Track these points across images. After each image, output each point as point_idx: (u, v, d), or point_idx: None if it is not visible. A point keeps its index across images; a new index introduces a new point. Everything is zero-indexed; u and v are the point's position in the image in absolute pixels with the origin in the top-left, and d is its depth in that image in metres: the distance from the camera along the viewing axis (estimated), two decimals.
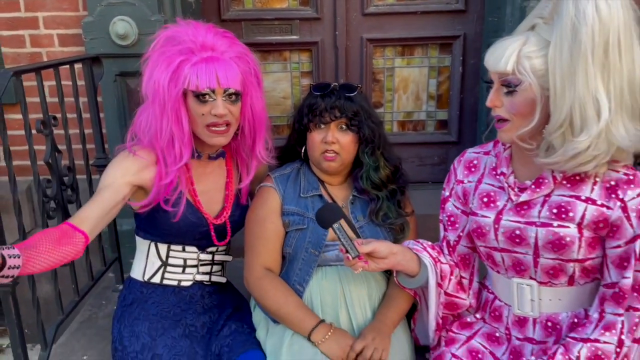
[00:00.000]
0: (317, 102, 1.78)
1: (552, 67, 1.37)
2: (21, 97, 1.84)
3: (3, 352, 2.85)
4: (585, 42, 1.32)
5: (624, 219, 1.43)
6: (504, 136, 1.51)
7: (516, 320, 1.64)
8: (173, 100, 1.63)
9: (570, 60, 1.34)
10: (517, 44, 1.42)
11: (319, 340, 1.68)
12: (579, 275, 1.52)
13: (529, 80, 1.40)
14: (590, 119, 1.35)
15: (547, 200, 1.51)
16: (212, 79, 1.62)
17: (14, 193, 1.78)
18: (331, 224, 1.58)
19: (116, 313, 1.89)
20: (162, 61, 1.64)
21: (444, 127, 2.93)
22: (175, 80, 1.63)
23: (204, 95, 1.64)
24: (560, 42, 1.35)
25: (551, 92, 1.38)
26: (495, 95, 1.48)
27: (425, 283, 1.66)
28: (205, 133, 1.69)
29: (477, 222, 1.61)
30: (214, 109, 1.65)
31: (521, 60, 1.41)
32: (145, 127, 1.70)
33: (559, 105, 1.37)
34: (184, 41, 1.64)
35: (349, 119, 1.78)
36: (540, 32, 1.42)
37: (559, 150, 1.41)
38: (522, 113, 1.45)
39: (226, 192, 1.88)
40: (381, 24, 2.75)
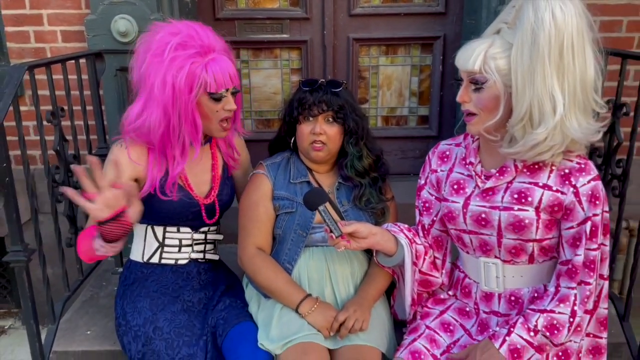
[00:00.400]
0: (306, 96, 1.93)
1: (514, 67, 1.51)
2: (34, 89, 1.97)
3: (6, 333, 2.95)
4: (542, 45, 1.46)
5: (576, 203, 1.59)
6: (472, 129, 1.66)
7: (483, 296, 1.79)
8: (190, 104, 1.75)
9: (529, 61, 1.48)
10: (484, 45, 1.56)
11: (306, 312, 1.83)
12: (537, 254, 1.68)
13: (494, 78, 1.54)
14: (547, 113, 1.50)
15: (510, 186, 1.66)
16: (227, 80, 1.77)
17: (27, 176, 1.92)
18: (317, 207, 1.73)
19: (118, 292, 2.02)
20: (174, 66, 1.71)
21: (425, 122, 3.02)
22: (190, 85, 1.73)
23: (220, 95, 1.78)
24: (521, 45, 1.50)
25: (513, 89, 1.53)
26: (464, 91, 1.62)
27: (402, 262, 1.80)
28: (218, 128, 1.85)
29: (448, 207, 1.77)
30: (227, 105, 1.80)
31: (487, 60, 1.55)
32: (156, 127, 1.77)
33: (520, 101, 1.52)
34: (191, 45, 1.73)
35: (335, 112, 1.93)
36: (504, 35, 1.56)
37: (520, 141, 1.55)
38: (487, 108, 1.59)
39: (212, 173, 2.02)
40: (367, 24, 2.84)
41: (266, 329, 1.85)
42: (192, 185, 1.95)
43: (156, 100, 1.74)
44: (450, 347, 1.77)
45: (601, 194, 1.60)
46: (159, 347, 1.82)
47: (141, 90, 1.79)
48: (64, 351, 2.09)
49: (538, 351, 1.61)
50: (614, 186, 2.05)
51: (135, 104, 1.80)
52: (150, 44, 1.76)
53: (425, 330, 1.81)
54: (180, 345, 1.82)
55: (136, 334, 1.87)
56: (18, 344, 2.86)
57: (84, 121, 2.34)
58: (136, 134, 1.81)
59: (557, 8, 1.46)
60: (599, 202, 1.59)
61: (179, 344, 1.82)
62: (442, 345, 1.77)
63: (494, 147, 1.68)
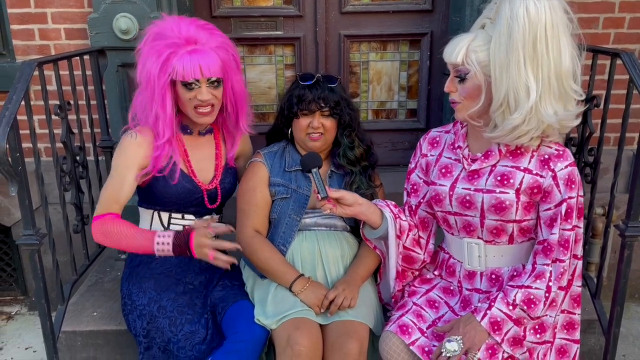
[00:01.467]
0: (305, 93, 2.05)
1: (492, 58, 1.64)
2: (43, 84, 2.08)
3: (13, 319, 3.05)
4: (517, 38, 1.59)
5: (554, 186, 1.71)
6: (458, 115, 1.79)
7: (466, 274, 1.91)
8: (161, 88, 1.89)
9: (505, 53, 1.61)
10: (467, 40, 1.69)
11: (299, 290, 1.96)
12: (517, 234, 1.80)
13: (474, 69, 1.67)
14: (521, 100, 1.63)
15: (494, 170, 1.78)
16: (196, 70, 1.88)
17: (37, 166, 2.03)
18: (311, 168, 1.86)
19: (124, 273, 2.13)
20: (152, 54, 1.88)
21: (413, 116, 3.12)
22: (164, 71, 1.87)
23: (190, 84, 1.90)
24: (499, 38, 1.62)
25: (492, 79, 1.65)
26: (450, 82, 1.76)
27: (386, 234, 1.92)
28: (194, 114, 1.96)
29: (436, 190, 1.88)
30: (199, 95, 1.91)
31: (469, 53, 1.67)
32: (140, 108, 1.96)
33: (498, 89, 1.65)
34: (170, 36, 1.88)
35: (331, 108, 2.06)
36: (487, 29, 1.69)
37: (500, 126, 1.69)
38: (470, 96, 1.72)
39: (216, 161, 2.14)
40: (357, 21, 2.92)
41: (262, 305, 1.97)
42: (195, 171, 2.07)
43: (142, 85, 1.92)
44: (435, 322, 1.89)
45: (577, 178, 1.72)
46: (163, 324, 1.94)
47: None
48: (72, 331, 2.21)
49: (516, 324, 1.72)
50: (587, 173, 2.17)
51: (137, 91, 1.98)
52: (145, 37, 1.93)
53: (412, 306, 1.92)
54: (183, 322, 1.94)
55: (141, 312, 1.98)
56: (25, 329, 2.96)
57: (89, 115, 2.45)
58: (139, 117, 1.97)
59: (531, 3, 1.58)
60: (574, 186, 1.71)
61: (181, 321, 1.94)
62: (428, 320, 1.89)
63: (479, 133, 1.80)
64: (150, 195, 2.06)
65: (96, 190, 2.51)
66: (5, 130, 1.77)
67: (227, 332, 1.94)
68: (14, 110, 1.82)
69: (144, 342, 1.99)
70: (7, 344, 2.85)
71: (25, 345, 2.83)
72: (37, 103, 2.54)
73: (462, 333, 1.72)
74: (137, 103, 1.97)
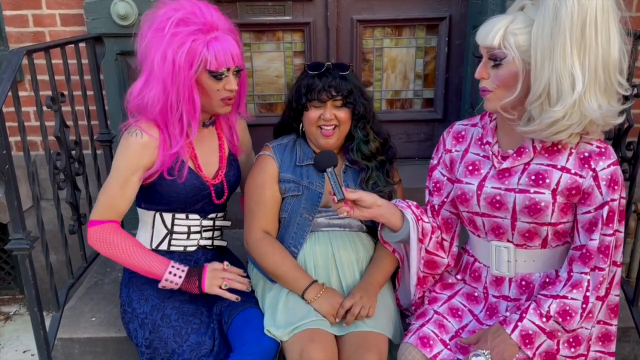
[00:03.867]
0: (315, 82, 1.90)
1: (533, 42, 1.49)
2: (33, 74, 1.94)
3: (11, 319, 2.96)
4: (564, 21, 1.43)
5: (595, 187, 1.57)
6: (489, 105, 1.63)
7: (493, 280, 1.78)
8: (188, 81, 1.74)
9: (550, 36, 1.45)
10: (505, 21, 1.54)
11: (312, 298, 1.82)
12: (551, 238, 1.66)
13: (513, 54, 1.51)
14: (565, 91, 1.47)
15: (527, 168, 1.64)
16: (228, 58, 1.75)
17: (28, 163, 1.89)
18: (326, 168, 1.73)
19: (123, 279, 2.01)
20: (175, 42, 1.71)
21: (430, 105, 3.00)
22: (189, 62, 1.72)
23: (221, 74, 1.77)
24: (543, 20, 1.47)
25: (532, 65, 1.50)
26: (483, 67, 1.60)
27: (407, 237, 1.79)
28: (219, 105, 1.83)
29: (462, 188, 1.75)
30: (228, 85, 1.78)
31: (507, 36, 1.52)
32: (154, 103, 1.77)
33: (538, 77, 1.49)
34: (193, 22, 1.73)
35: (344, 97, 1.91)
36: (527, 12, 1.54)
37: (537, 119, 1.53)
38: (505, 84, 1.56)
39: (220, 153, 2.01)
40: (371, 5, 2.80)
41: (272, 314, 1.85)
42: (201, 166, 1.94)
43: (156, 76, 1.74)
44: (458, 332, 1.77)
45: (620, 179, 1.59)
46: (167, 334, 1.82)
47: (143, 67, 1.79)
48: (68, 338, 2.09)
49: (549, 337, 1.60)
50: (624, 169, 2.02)
51: (138, 81, 1.81)
52: (152, 20, 1.76)
53: (433, 315, 1.80)
54: (189, 332, 1.82)
55: (143, 321, 1.86)
56: (23, 329, 2.87)
57: (85, 106, 2.32)
58: (138, 109, 1.82)
59: None
60: (617, 187, 1.58)
61: (187, 331, 1.82)
62: (450, 330, 1.77)
63: (511, 127, 1.65)
64: (154, 195, 1.92)
65: (94, 187, 2.40)
66: None
67: (234, 343, 1.82)
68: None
69: (147, 353, 1.87)
70: (4, 346, 2.77)
71: (23, 348, 2.75)
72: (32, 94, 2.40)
73: (490, 347, 1.60)
74: (148, 97, 1.78)
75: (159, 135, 1.84)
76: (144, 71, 1.80)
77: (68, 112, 2.16)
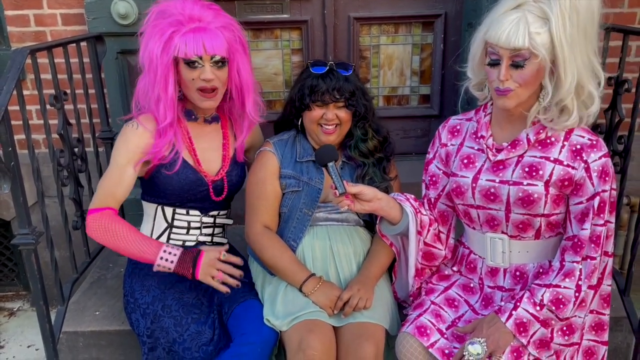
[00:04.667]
0: (318, 83, 1.92)
1: (558, 40, 1.51)
2: (37, 73, 1.97)
3: (15, 315, 2.98)
4: (583, 16, 1.50)
5: (586, 178, 1.61)
6: (509, 103, 1.62)
7: (489, 271, 1.82)
8: (163, 67, 1.81)
9: (573, 32, 1.51)
10: (523, 21, 1.53)
11: (309, 291, 1.86)
12: (544, 229, 1.70)
13: (541, 53, 1.53)
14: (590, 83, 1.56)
15: (521, 160, 1.68)
16: (199, 47, 1.79)
17: (32, 161, 1.92)
18: (327, 162, 1.76)
19: (127, 270, 2.05)
20: (154, 33, 1.81)
21: (426, 101, 3.01)
22: (166, 50, 1.80)
23: (193, 62, 1.81)
24: (561, 17, 1.50)
25: (560, 61, 1.53)
26: (506, 70, 1.57)
27: (406, 230, 1.82)
28: (197, 97, 1.87)
29: (457, 182, 1.78)
30: (202, 74, 1.82)
31: (532, 36, 1.52)
32: (142, 93, 1.88)
33: (568, 72, 1.54)
34: (173, 14, 1.80)
35: (346, 99, 1.93)
36: (532, 10, 1.54)
37: (573, 111, 1.59)
38: (527, 83, 1.58)
39: (223, 152, 2.04)
40: (367, 3, 2.81)
41: (272, 305, 1.88)
42: (200, 161, 1.98)
43: (144, 68, 1.84)
44: (455, 322, 1.80)
45: (611, 170, 1.62)
46: (168, 324, 1.85)
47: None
48: (73, 331, 2.13)
49: (543, 325, 1.63)
50: (616, 162, 2.06)
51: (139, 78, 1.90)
52: (147, 18, 1.85)
53: (430, 305, 1.84)
54: (189, 322, 1.86)
55: (144, 311, 1.90)
56: (27, 325, 2.89)
57: (87, 104, 2.35)
58: (142, 104, 1.90)
59: None
60: (608, 179, 1.61)
61: (187, 321, 1.86)
62: (447, 320, 1.80)
63: (506, 121, 1.70)
64: (153, 188, 1.97)
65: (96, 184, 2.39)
66: None
67: (233, 333, 1.85)
68: (4, 101, 1.72)
69: (148, 343, 1.90)
70: (8, 341, 2.78)
71: (27, 342, 2.76)
72: (34, 92, 2.44)
73: (485, 335, 1.64)
74: (139, 88, 1.89)
75: (154, 128, 1.88)
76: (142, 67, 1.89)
77: (69, 110, 2.18)
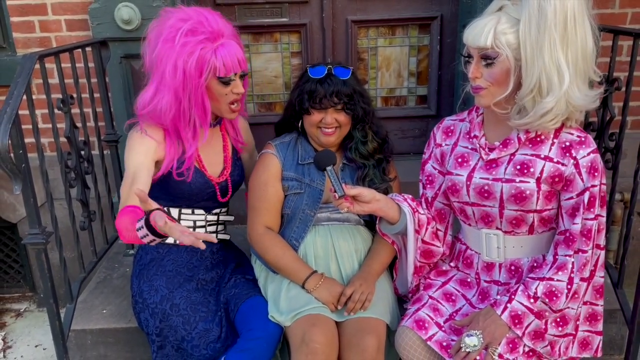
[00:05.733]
0: (317, 88, 1.94)
1: (522, 40, 1.57)
2: (44, 78, 2.02)
3: (22, 316, 3.02)
4: (549, 18, 1.53)
5: (576, 174, 1.66)
6: (482, 101, 1.70)
7: (484, 266, 1.87)
8: (199, 88, 1.82)
9: (537, 34, 1.55)
10: (492, 22, 1.61)
11: (312, 288, 1.91)
12: (537, 224, 1.75)
13: (505, 53, 1.59)
14: (554, 83, 1.57)
15: (512, 159, 1.73)
16: (235, 64, 1.83)
17: (41, 163, 1.97)
18: (326, 166, 1.80)
19: (134, 271, 2.09)
20: (185, 52, 1.77)
21: (423, 102, 3.06)
22: (200, 70, 1.80)
23: (229, 79, 1.85)
24: (529, 19, 1.55)
25: (522, 62, 1.59)
26: (475, 68, 1.66)
27: (404, 230, 1.87)
28: (227, 110, 1.91)
29: (452, 180, 1.83)
30: (235, 88, 1.86)
31: (498, 36, 1.59)
32: (167, 111, 1.83)
33: (530, 73, 1.58)
34: (201, 32, 1.79)
35: (345, 103, 1.96)
36: (509, 12, 1.61)
37: (531, 111, 1.62)
38: (498, 81, 1.64)
39: (224, 154, 2.09)
40: (365, 6, 2.85)
41: (275, 302, 1.93)
42: (205, 166, 2.02)
43: (167, 85, 1.81)
44: (452, 315, 1.85)
45: (600, 166, 1.67)
46: (176, 322, 1.90)
47: (153, 76, 1.85)
48: (81, 329, 2.18)
49: (537, 317, 1.68)
50: (607, 159, 2.11)
51: (148, 89, 1.87)
52: (161, 30, 1.82)
53: (428, 300, 1.88)
54: (197, 320, 1.90)
55: (153, 311, 1.94)
56: (34, 325, 2.94)
57: (92, 108, 2.39)
58: (149, 116, 1.88)
59: None
60: (597, 174, 1.66)
61: (195, 319, 1.91)
62: (444, 314, 1.85)
63: (497, 121, 1.74)
64: (162, 192, 2.01)
65: (102, 185, 2.49)
66: (7, 127, 1.72)
67: (240, 329, 1.90)
68: (15, 105, 1.77)
69: (157, 341, 1.95)
70: (16, 341, 2.83)
71: (35, 342, 2.81)
72: (40, 97, 2.49)
73: (481, 327, 1.68)
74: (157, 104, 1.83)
75: (162, 138, 1.91)
76: (153, 80, 1.86)
77: (77, 114, 2.23)
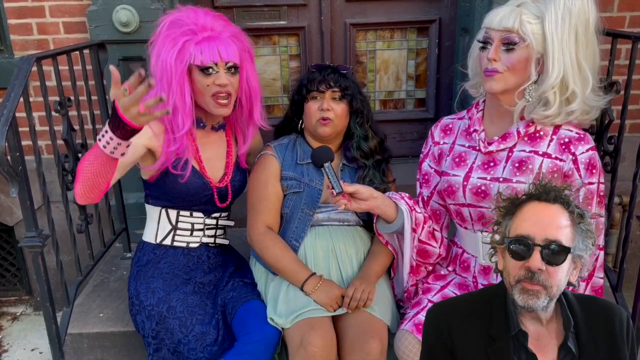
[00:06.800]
0: (315, 75, 2.02)
1: (549, 34, 1.60)
2: (42, 80, 2.01)
3: (18, 320, 3.02)
4: (574, 16, 1.57)
5: (574, 170, 1.67)
6: (495, 85, 1.70)
7: (481, 270, 1.86)
8: (179, 76, 1.84)
9: (563, 29, 1.58)
10: (517, 10, 1.63)
11: (310, 290, 1.90)
12: None
13: (530, 40, 1.61)
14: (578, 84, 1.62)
15: (510, 156, 1.73)
16: (214, 53, 1.84)
17: (38, 165, 1.97)
18: (323, 162, 1.81)
19: (131, 273, 2.08)
20: (167, 43, 1.84)
21: (422, 105, 3.06)
22: (180, 58, 1.83)
23: (208, 69, 1.85)
24: (555, 14, 1.58)
25: (549, 55, 1.61)
26: (495, 50, 1.67)
27: (402, 228, 1.87)
28: (212, 103, 1.90)
29: (448, 181, 1.83)
30: (217, 79, 1.86)
31: (524, 22, 1.62)
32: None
33: (554, 66, 1.61)
34: (186, 24, 1.84)
35: (341, 89, 2.00)
36: (529, 8, 1.63)
37: (553, 105, 1.65)
38: (515, 68, 1.66)
39: (227, 159, 2.09)
40: (363, 9, 2.86)
41: (274, 304, 1.93)
42: (206, 168, 2.02)
43: (156, 78, 1.85)
44: None
45: (598, 164, 1.68)
46: (173, 325, 1.89)
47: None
48: (78, 333, 2.16)
49: None
50: (606, 162, 2.11)
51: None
52: (158, 28, 1.88)
53: (427, 304, 1.87)
54: (194, 323, 1.90)
55: (150, 313, 1.94)
56: (30, 329, 2.93)
57: (90, 111, 2.39)
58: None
59: None
60: (595, 171, 1.67)
61: (192, 322, 1.90)
62: None
63: (498, 116, 1.75)
64: (159, 191, 2.01)
65: None
66: (4, 129, 1.72)
67: (238, 332, 1.90)
68: (12, 107, 1.77)
69: (153, 344, 1.94)
70: (12, 345, 2.82)
71: (31, 346, 2.80)
72: (37, 99, 2.49)
73: None
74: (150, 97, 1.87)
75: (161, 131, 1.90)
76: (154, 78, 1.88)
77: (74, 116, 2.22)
